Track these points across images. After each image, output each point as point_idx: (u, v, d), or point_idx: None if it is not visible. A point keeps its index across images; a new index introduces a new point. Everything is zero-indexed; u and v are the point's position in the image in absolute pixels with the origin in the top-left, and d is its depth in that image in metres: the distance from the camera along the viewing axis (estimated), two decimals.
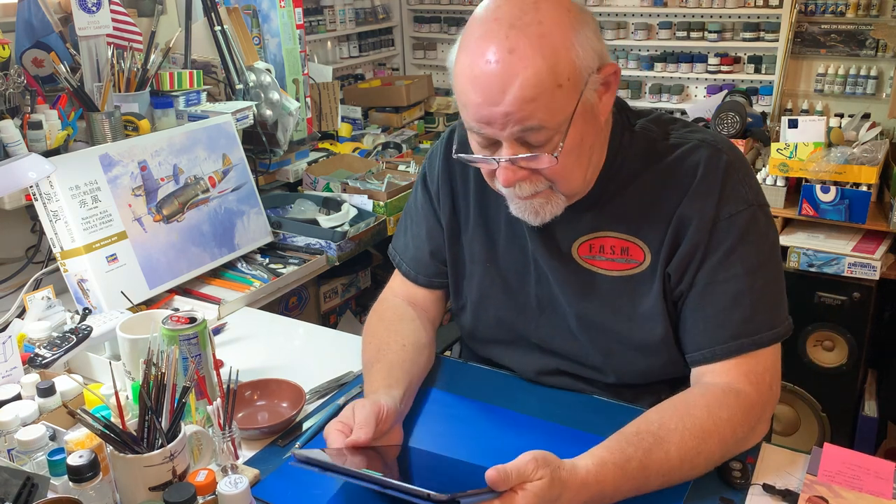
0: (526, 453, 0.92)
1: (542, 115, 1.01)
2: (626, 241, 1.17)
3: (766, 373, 1.10)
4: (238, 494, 0.91)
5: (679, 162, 1.14)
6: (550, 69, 0.99)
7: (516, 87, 0.99)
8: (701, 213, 1.10)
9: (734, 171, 1.12)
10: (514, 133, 1.02)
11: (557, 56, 0.99)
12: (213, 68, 2.24)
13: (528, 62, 0.98)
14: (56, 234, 1.57)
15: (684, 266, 1.13)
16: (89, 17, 1.77)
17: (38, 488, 0.97)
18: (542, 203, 1.12)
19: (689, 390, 1.11)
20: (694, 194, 1.11)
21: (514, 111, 1.00)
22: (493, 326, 1.32)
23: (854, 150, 2.29)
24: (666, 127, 1.19)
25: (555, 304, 1.25)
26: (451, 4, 3.53)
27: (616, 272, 1.18)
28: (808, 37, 2.85)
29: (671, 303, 1.16)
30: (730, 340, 1.10)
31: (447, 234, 1.34)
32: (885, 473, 1.04)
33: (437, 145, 1.37)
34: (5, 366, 1.27)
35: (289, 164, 2.45)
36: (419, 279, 1.40)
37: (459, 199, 1.32)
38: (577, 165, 1.10)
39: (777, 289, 1.14)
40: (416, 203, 1.40)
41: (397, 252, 1.43)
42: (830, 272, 2.22)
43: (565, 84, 1.01)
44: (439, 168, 1.34)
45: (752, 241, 1.10)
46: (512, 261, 1.27)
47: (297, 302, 2.37)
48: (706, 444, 1.02)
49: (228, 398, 1.09)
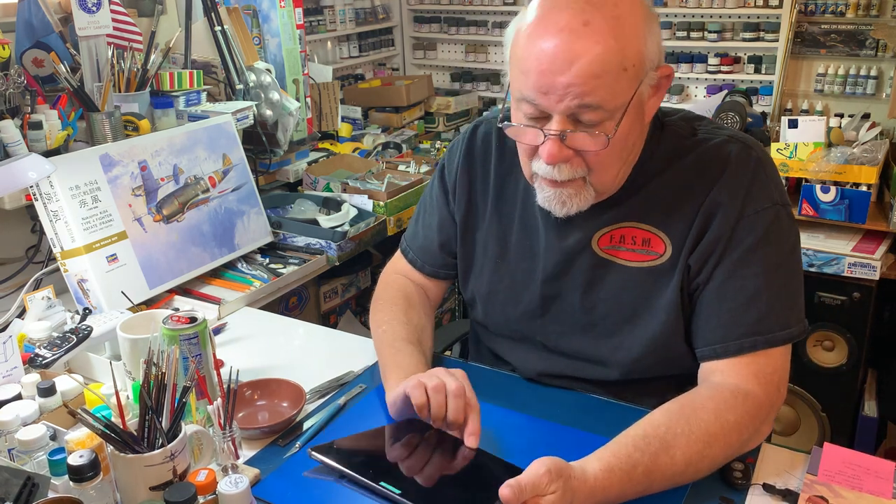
0: (539, 463, 0.91)
1: (602, 94, 1.00)
2: (649, 233, 1.16)
3: (774, 374, 1.09)
4: (238, 494, 0.91)
5: (709, 154, 1.14)
6: (621, 51, 1.00)
7: (585, 61, 0.99)
8: (728, 206, 1.10)
9: (763, 167, 1.13)
10: (570, 108, 1.02)
11: (628, 40, 1.00)
12: (213, 68, 2.24)
13: (601, 38, 0.99)
14: (56, 234, 1.57)
15: (705, 257, 1.12)
16: (89, 17, 1.77)
17: (38, 488, 0.97)
18: (571, 194, 1.11)
19: (697, 390, 1.10)
20: (723, 186, 1.11)
21: (577, 83, 0.99)
22: (501, 322, 1.33)
23: (854, 150, 2.29)
24: (693, 124, 1.20)
25: (562, 303, 1.24)
26: (451, 4, 3.53)
27: (636, 263, 1.18)
28: (808, 37, 2.85)
29: (687, 295, 1.15)
30: (743, 338, 1.09)
31: (460, 229, 1.34)
32: (885, 473, 1.04)
33: (459, 138, 1.37)
34: (6, 366, 1.27)
35: (289, 164, 2.45)
36: (425, 268, 1.41)
37: (477, 195, 1.33)
38: (618, 159, 1.10)
39: (794, 290, 1.13)
40: (431, 194, 1.41)
41: (406, 239, 1.45)
42: (830, 272, 2.22)
43: (630, 70, 1.01)
44: (459, 162, 1.34)
45: (774, 241, 1.10)
46: (520, 259, 1.28)
47: (297, 302, 2.37)
48: (712, 448, 1.01)
49: (229, 398, 1.09)
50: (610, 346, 1.21)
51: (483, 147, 1.33)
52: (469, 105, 3.51)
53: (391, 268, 1.46)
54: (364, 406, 1.26)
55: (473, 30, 3.53)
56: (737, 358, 1.10)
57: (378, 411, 1.23)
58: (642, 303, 1.18)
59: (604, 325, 1.21)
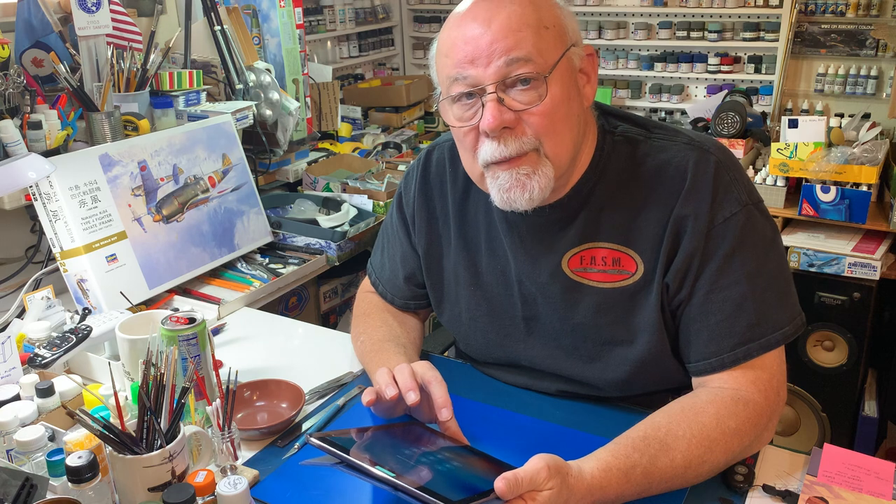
0: (537, 458, 0.90)
1: (528, 46, 1.01)
2: (618, 252, 1.13)
3: (772, 379, 1.07)
4: (237, 495, 0.91)
5: (666, 166, 1.10)
6: (536, 10, 1.03)
7: (503, 16, 1.01)
8: (695, 219, 1.07)
9: (724, 171, 1.09)
10: (500, 68, 1.01)
11: (543, 6, 1.04)
12: (212, 68, 2.24)
13: (515, 2, 1.03)
14: (56, 234, 1.57)
15: (682, 274, 1.09)
16: (89, 16, 1.77)
17: (37, 489, 0.97)
18: (528, 172, 1.05)
19: (697, 394, 1.08)
20: (686, 199, 1.08)
21: (500, 38, 1.01)
22: (484, 349, 1.29)
23: (854, 150, 2.29)
24: (648, 129, 1.16)
25: (543, 325, 1.21)
26: (450, 4, 3.52)
27: (609, 284, 1.14)
28: (808, 37, 2.85)
29: (669, 313, 1.12)
30: (737, 348, 1.07)
31: (424, 260, 1.31)
32: (885, 474, 1.04)
33: (412, 167, 1.34)
34: (4, 366, 1.27)
35: (289, 164, 2.45)
36: (395, 301, 1.39)
37: (438, 222, 1.29)
38: (566, 126, 1.06)
39: (782, 286, 1.10)
40: (391, 225, 1.38)
41: (374, 269, 1.43)
42: (830, 272, 2.22)
43: (551, 28, 1.04)
44: (415, 191, 1.31)
45: (750, 243, 1.07)
46: (494, 284, 1.24)
47: (296, 302, 2.37)
48: (712, 453, 1.00)
49: (228, 399, 1.09)
50: (597, 369, 1.18)
51: (438, 172, 1.29)
52: None
53: (361, 290, 1.45)
54: (363, 407, 1.26)
55: None
56: (732, 369, 1.07)
57: None
58: (621, 324, 1.14)
59: (585, 348, 1.18)
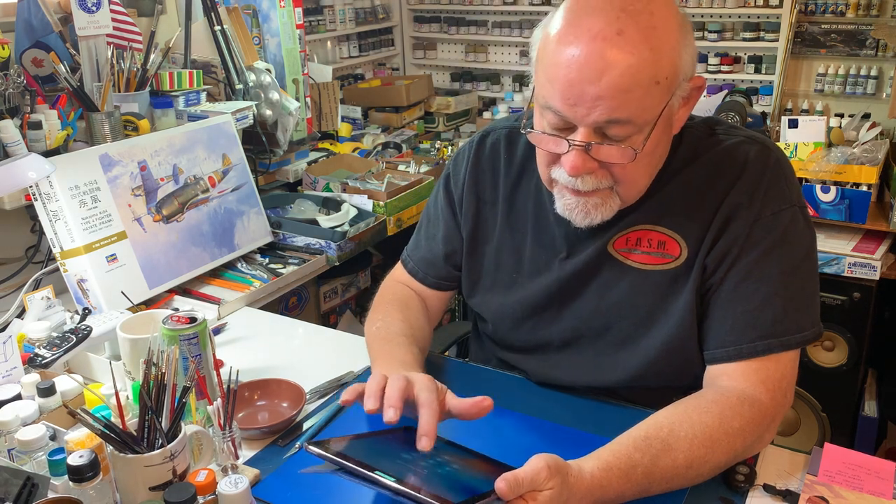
0: (537, 458, 0.90)
1: (633, 109, 0.97)
2: (665, 236, 1.14)
3: (783, 380, 1.08)
4: (238, 494, 0.91)
5: (726, 155, 1.12)
6: (654, 63, 0.96)
7: (616, 73, 0.94)
8: (746, 207, 1.09)
9: (782, 168, 1.11)
10: (598, 121, 0.98)
11: (663, 52, 0.97)
12: (212, 68, 2.24)
13: (635, 49, 0.94)
14: (56, 234, 1.57)
15: (721, 258, 1.10)
16: (89, 16, 1.77)
17: (38, 488, 0.97)
18: (596, 204, 1.07)
19: (702, 394, 1.08)
20: (741, 188, 1.09)
21: (606, 96, 0.95)
22: (512, 332, 1.30)
23: (854, 150, 2.29)
24: (711, 125, 1.18)
25: (579, 305, 1.21)
26: (450, 4, 3.52)
27: (651, 266, 1.15)
28: (808, 37, 2.85)
29: (699, 296, 1.13)
30: (758, 340, 1.07)
31: (467, 243, 1.31)
32: (885, 473, 1.04)
33: (464, 148, 1.33)
34: (5, 366, 1.27)
35: (289, 163, 2.45)
36: (427, 280, 1.37)
37: (486, 207, 1.29)
38: (646, 173, 1.08)
39: (810, 292, 1.11)
40: (436, 205, 1.37)
41: (408, 251, 1.42)
42: (830, 272, 2.22)
43: (663, 83, 0.98)
44: (466, 173, 1.30)
45: (790, 242, 1.09)
46: (536, 269, 1.25)
47: (297, 302, 2.37)
48: (714, 454, 1.00)
49: (228, 398, 1.09)
50: (624, 351, 1.19)
51: (492, 157, 1.29)
52: (469, 105, 3.51)
53: (390, 277, 1.44)
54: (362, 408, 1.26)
55: (473, 30, 3.53)
56: (747, 362, 1.08)
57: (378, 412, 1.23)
58: (657, 307, 1.16)
59: (618, 329, 1.19)
